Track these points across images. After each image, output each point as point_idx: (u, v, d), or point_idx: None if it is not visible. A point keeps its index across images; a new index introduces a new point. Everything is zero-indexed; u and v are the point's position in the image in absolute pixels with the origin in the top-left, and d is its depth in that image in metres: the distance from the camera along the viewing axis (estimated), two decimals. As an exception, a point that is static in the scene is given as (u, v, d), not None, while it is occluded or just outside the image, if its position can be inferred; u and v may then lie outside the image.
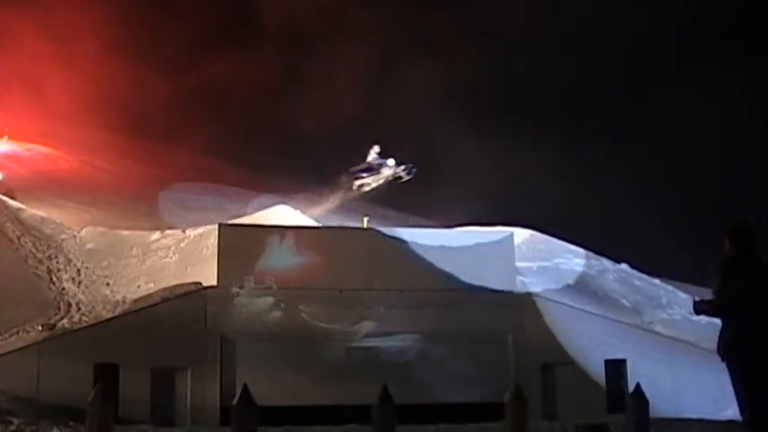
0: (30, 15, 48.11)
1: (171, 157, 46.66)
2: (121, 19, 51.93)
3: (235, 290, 24.02)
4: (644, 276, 32.39)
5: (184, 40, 52.68)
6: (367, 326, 24.59)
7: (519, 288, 26.73)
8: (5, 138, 46.91)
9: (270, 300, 24.18)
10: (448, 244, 26.19)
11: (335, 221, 33.09)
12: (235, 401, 11.94)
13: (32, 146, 47.20)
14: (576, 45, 49.73)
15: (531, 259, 29.71)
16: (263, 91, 52.31)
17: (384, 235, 26.29)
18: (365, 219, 30.72)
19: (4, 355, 22.46)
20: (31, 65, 48.05)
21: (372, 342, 24.62)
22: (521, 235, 30.77)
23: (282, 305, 24.21)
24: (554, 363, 25.44)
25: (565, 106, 48.91)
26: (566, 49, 49.97)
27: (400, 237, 26.03)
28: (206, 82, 51.60)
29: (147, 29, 52.38)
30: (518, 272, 27.39)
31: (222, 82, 51.75)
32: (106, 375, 20.71)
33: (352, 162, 39.15)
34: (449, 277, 25.31)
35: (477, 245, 26.51)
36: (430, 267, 25.36)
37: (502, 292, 25.63)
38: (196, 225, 31.27)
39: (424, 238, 26.26)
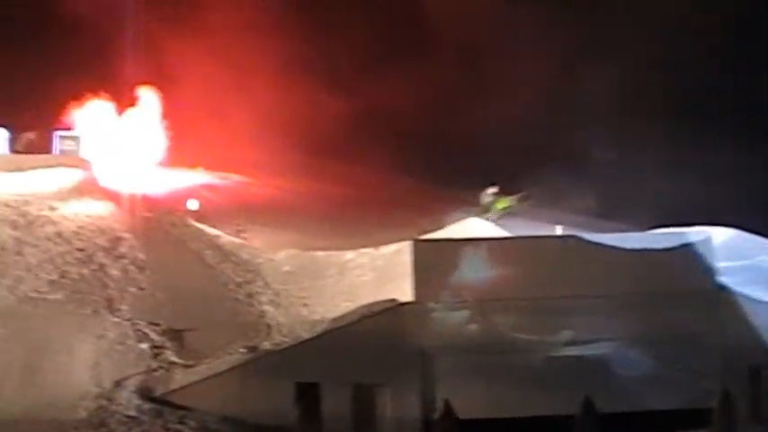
0: (206, 48, 49.48)
1: (357, 175, 47.07)
2: (294, 41, 52.67)
3: (431, 305, 24.03)
4: None
5: (357, 58, 52.95)
6: (566, 334, 24.20)
7: (720, 288, 25.78)
8: (200, 168, 48.58)
9: (466, 313, 24.09)
10: (645, 246, 25.54)
11: (526, 231, 32.72)
12: (436, 416, 11.94)
13: (225, 174, 48.67)
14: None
15: (732, 258, 28.47)
16: (442, 103, 52.05)
17: (579, 241, 25.86)
18: (558, 227, 30.34)
19: (211, 377, 23.20)
20: (215, 96, 49.44)
21: (572, 351, 24.19)
22: (723, 235, 29.63)
23: (479, 318, 24.06)
24: (762, 365, 24.44)
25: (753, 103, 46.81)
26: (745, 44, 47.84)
27: (596, 242, 25.57)
28: (382, 97, 51.65)
29: (320, 49, 52.92)
30: (719, 272, 26.39)
31: (399, 97, 51.64)
32: (308, 394, 21.11)
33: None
34: (648, 280, 24.63)
35: (677, 246, 25.75)
36: (628, 271, 24.75)
37: (703, 293, 24.84)
38: (389, 242, 31.48)
39: (620, 241, 25.70)
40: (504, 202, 39.20)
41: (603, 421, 12.71)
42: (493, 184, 39.34)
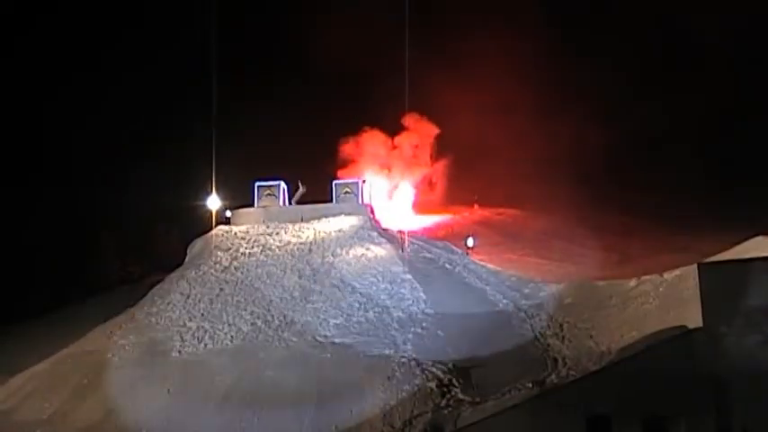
0: (469, 90, 50.30)
1: (631, 202, 46.27)
2: (557, 72, 52.85)
3: (722, 330, 22.95)
4: None
5: (615, 87, 52.61)
6: None
7: None
8: (476, 206, 49.17)
9: (761, 337, 22.88)
10: None
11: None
12: (735, 447, 11.31)
13: (500, 209, 49.06)
14: None
15: None
16: (715, 123, 50.63)
17: None
18: None
19: (499, 414, 23.09)
20: (483, 135, 50.09)
21: None
22: None
23: (775, 342, 22.80)
24: None
25: None
26: None
27: None
28: (646, 122, 51.07)
29: (579, 81, 52.87)
30: None
31: (664, 120, 50.85)
32: (598, 428, 20.58)
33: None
34: None
35: None
36: None
37: None
38: (672, 268, 30.51)
39: None
40: None
41: None
42: None
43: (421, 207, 48.44)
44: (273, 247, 35.30)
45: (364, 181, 42.10)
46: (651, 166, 50.03)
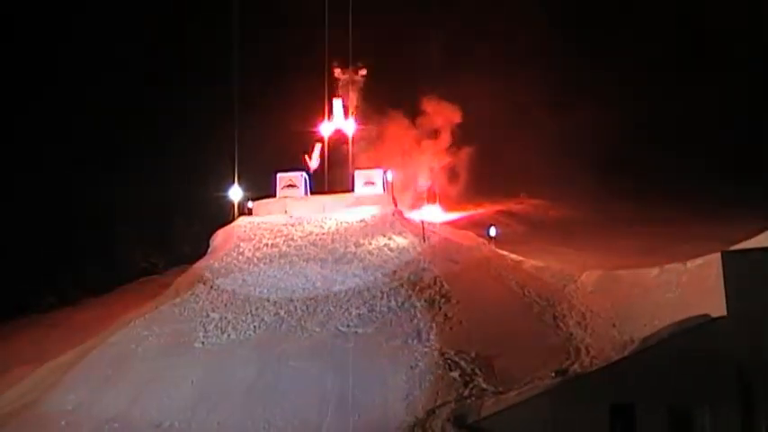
0: (483, 80, 50.35)
1: (652, 190, 46.06)
2: (567, 64, 52.94)
3: (746, 318, 22.80)
4: None
5: (629, 75, 52.63)
6: None
7: None
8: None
9: (787, 325, 22.71)
10: None
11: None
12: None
13: (523, 198, 49.22)
14: None
15: None
16: (731, 113, 50.41)
17: None
18: None
19: (522, 403, 23.05)
20: (503, 126, 50.24)
21: None
22: None
23: (801, 330, 22.60)
24: None
25: None
26: None
27: None
28: (669, 113, 50.90)
29: (590, 69, 52.87)
30: None
31: (686, 109, 50.67)
32: (622, 417, 20.56)
33: None
34: None
35: None
36: None
37: None
38: (695, 256, 30.32)
39: None
40: None
41: None
42: None
43: (445, 200, 48.40)
44: (296, 238, 35.41)
45: (386, 170, 42.10)
46: (673, 154, 49.86)
